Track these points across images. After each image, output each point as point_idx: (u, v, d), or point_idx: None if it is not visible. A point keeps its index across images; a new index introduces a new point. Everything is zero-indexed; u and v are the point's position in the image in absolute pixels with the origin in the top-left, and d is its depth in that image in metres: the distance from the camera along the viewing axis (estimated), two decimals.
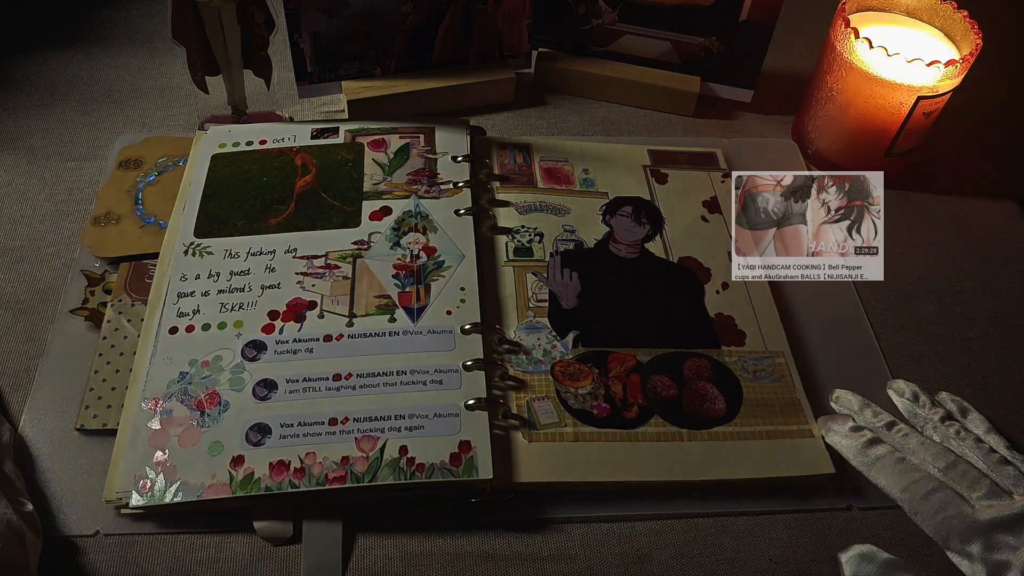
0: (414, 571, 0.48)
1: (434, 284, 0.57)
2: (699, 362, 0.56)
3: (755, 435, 0.53)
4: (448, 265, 0.59)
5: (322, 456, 0.49)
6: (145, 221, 0.62)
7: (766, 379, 0.56)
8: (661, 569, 0.49)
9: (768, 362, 0.57)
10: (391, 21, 0.70)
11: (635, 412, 0.54)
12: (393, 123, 0.68)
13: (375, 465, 0.49)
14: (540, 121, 0.75)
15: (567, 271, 0.60)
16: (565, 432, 0.52)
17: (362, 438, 0.50)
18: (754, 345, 0.58)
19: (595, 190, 0.66)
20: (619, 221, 0.64)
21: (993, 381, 0.59)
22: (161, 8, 0.62)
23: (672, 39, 0.75)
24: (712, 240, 0.64)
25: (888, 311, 0.63)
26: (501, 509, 0.50)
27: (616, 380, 0.55)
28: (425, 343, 0.54)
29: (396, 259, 0.59)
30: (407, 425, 0.51)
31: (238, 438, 0.50)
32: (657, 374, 0.55)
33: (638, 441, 0.52)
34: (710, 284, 0.61)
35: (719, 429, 0.53)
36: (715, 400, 0.55)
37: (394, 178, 0.64)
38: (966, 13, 0.66)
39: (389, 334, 0.55)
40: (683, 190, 0.67)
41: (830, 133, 0.70)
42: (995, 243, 0.68)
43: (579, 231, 0.63)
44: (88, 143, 0.70)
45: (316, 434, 0.50)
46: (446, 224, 0.61)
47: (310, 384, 0.52)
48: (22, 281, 0.60)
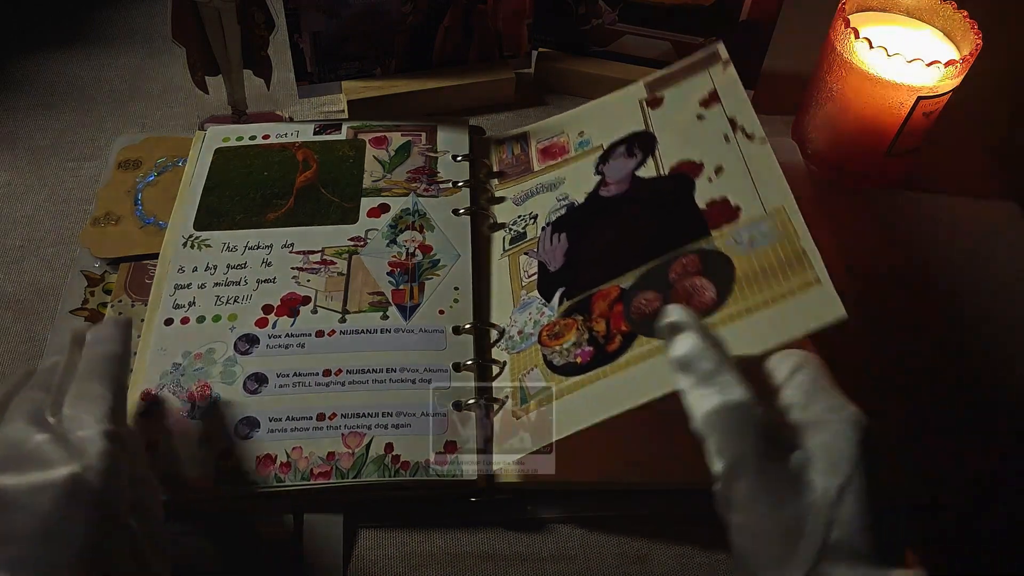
0: (414, 571, 0.48)
1: (428, 283, 0.57)
2: (685, 260, 0.51)
3: (753, 309, 0.47)
4: (443, 264, 0.59)
5: (308, 451, 0.49)
6: (145, 221, 0.62)
7: (763, 243, 0.49)
8: (661, 569, 0.49)
9: (766, 224, 0.50)
10: (391, 21, 0.70)
11: (617, 342, 0.50)
12: (396, 121, 0.68)
13: (360, 462, 0.49)
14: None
15: (556, 236, 0.58)
16: (549, 395, 0.50)
17: (348, 434, 0.50)
18: (751, 212, 0.51)
19: (591, 148, 0.63)
20: (612, 164, 0.61)
21: (993, 381, 0.59)
22: (161, 8, 0.62)
23: (672, 39, 0.75)
24: (706, 133, 0.58)
25: (888, 311, 0.63)
26: (501, 509, 0.50)
27: (599, 319, 0.52)
28: (416, 342, 0.54)
29: (392, 256, 0.59)
30: (394, 423, 0.51)
31: (227, 431, 0.50)
32: (640, 293, 0.52)
33: (622, 370, 0.49)
34: (701, 175, 0.56)
35: (710, 319, 0.47)
36: (703, 291, 0.49)
37: (394, 175, 0.64)
38: (966, 13, 0.66)
39: (381, 331, 0.55)
40: (679, 100, 0.62)
41: (830, 133, 0.70)
42: (995, 243, 0.68)
43: (571, 195, 0.61)
44: (88, 143, 0.70)
45: (304, 429, 0.50)
46: (444, 223, 0.61)
47: (300, 379, 0.52)
48: (22, 281, 0.60)
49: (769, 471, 0.37)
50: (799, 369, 0.41)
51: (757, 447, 0.37)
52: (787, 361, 0.42)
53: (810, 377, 0.41)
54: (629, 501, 0.51)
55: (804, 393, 0.40)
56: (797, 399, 0.40)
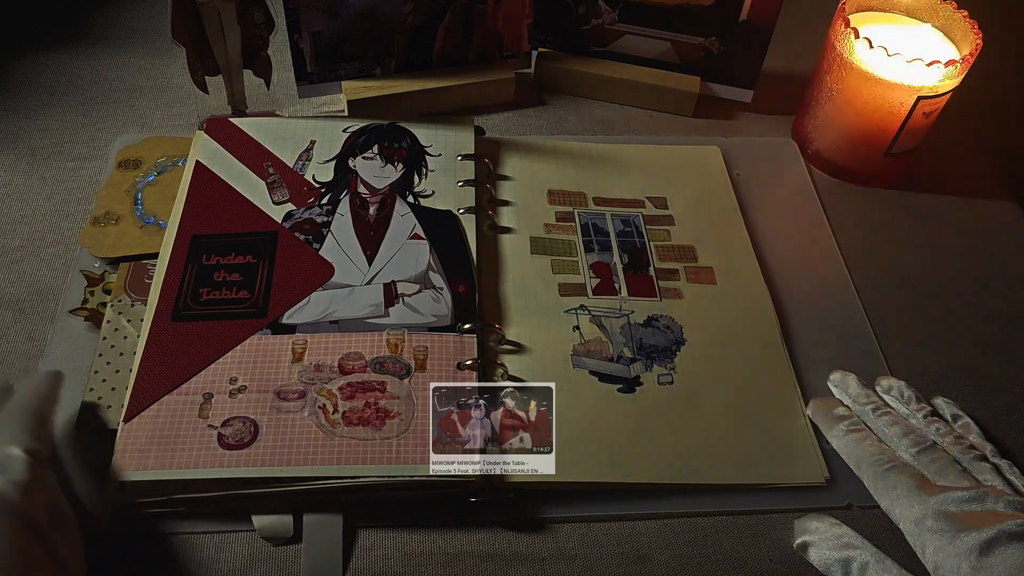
0: (414, 571, 0.48)
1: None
2: None
3: None
4: None
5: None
6: (145, 221, 0.62)
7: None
8: (661, 569, 0.49)
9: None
10: (391, 21, 0.70)
11: None
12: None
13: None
14: (540, 121, 0.75)
15: None
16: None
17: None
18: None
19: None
20: None
21: (993, 381, 0.59)
22: (161, 8, 0.62)
23: (672, 39, 0.75)
24: None
25: (888, 311, 0.63)
26: (501, 509, 0.50)
27: None
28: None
29: None
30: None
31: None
32: None
33: None
34: None
35: None
36: None
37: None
38: (966, 13, 0.66)
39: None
40: None
41: (830, 133, 0.70)
42: (995, 243, 0.68)
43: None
44: (88, 143, 0.70)
45: None
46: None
47: None
48: (22, 281, 0.60)
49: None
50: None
51: None
52: None
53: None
54: (629, 501, 0.51)
55: None
56: None
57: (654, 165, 0.70)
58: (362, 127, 0.67)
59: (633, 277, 0.61)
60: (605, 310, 0.59)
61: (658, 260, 0.63)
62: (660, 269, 0.62)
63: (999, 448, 0.52)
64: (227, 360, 0.52)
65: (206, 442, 0.49)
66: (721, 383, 0.56)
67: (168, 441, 0.49)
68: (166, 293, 0.55)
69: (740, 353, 0.58)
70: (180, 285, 0.56)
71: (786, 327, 0.60)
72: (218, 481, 0.48)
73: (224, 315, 0.54)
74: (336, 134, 0.67)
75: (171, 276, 0.56)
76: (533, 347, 0.56)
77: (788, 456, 0.53)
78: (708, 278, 0.62)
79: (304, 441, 0.49)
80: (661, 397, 0.55)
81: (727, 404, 0.55)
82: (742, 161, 0.72)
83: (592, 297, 0.60)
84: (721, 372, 0.57)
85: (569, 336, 0.57)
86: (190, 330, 0.54)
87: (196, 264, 0.57)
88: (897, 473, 0.48)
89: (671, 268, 0.62)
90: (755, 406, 0.55)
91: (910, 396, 0.54)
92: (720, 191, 0.69)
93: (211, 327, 0.54)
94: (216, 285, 0.56)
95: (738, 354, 0.58)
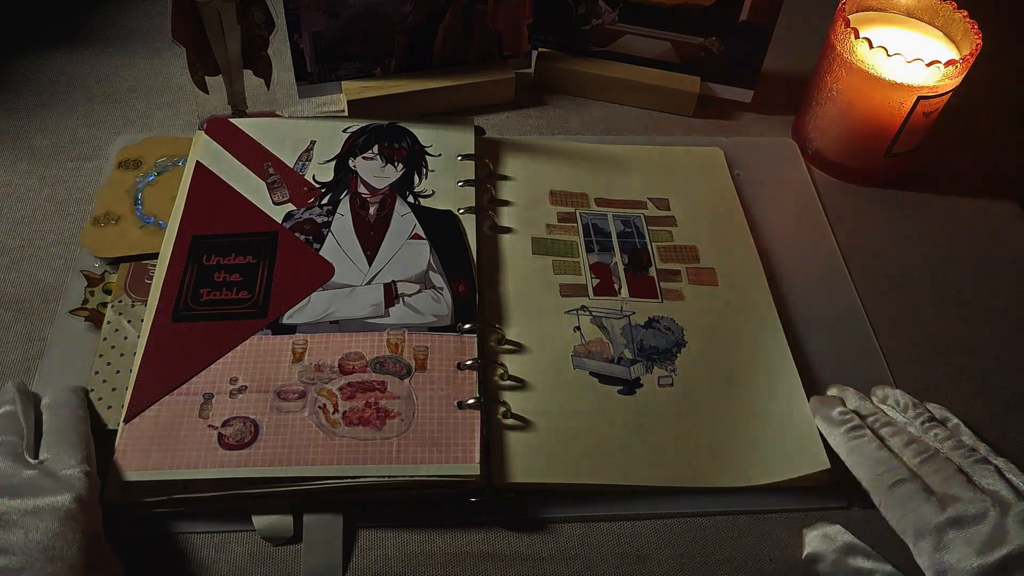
0: (414, 571, 0.48)
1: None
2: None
3: None
4: None
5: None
6: (145, 221, 0.62)
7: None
8: (661, 569, 0.49)
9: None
10: (391, 21, 0.70)
11: None
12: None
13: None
14: (540, 121, 0.75)
15: None
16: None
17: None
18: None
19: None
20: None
21: (993, 381, 0.59)
22: (161, 8, 0.62)
23: (672, 39, 0.75)
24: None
25: (888, 311, 0.63)
26: (501, 509, 0.50)
27: None
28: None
29: None
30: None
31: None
32: None
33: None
34: None
35: None
36: None
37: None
38: (966, 13, 0.66)
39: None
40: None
41: (830, 133, 0.70)
42: (995, 243, 0.68)
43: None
44: (88, 143, 0.70)
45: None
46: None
47: None
48: (22, 281, 0.60)
49: None
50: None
51: None
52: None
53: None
54: (629, 501, 0.51)
55: None
56: None
57: (657, 166, 0.70)
58: (362, 127, 0.67)
59: (634, 278, 0.61)
60: (606, 311, 0.59)
61: (660, 261, 0.63)
62: (662, 270, 0.62)
63: (995, 448, 0.52)
64: (227, 360, 0.53)
65: (206, 442, 0.49)
66: (721, 385, 0.56)
67: (168, 441, 0.49)
68: (166, 293, 0.55)
69: (741, 355, 0.58)
70: (180, 285, 0.56)
71: (786, 327, 0.59)
72: (218, 481, 0.48)
73: (224, 315, 0.55)
74: (336, 134, 0.67)
75: (171, 276, 0.56)
76: (533, 347, 0.56)
77: (789, 451, 0.52)
78: (710, 279, 0.62)
79: (304, 441, 0.49)
80: (661, 399, 0.55)
81: (727, 406, 0.55)
82: (742, 161, 0.72)
83: (593, 298, 0.60)
84: (721, 374, 0.57)
85: (570, 337, 0.57)
86: (190, 330, 0.54)
87: (196, 264, 0.57)
88: (903, 487, 0.48)
89: (673, 269, 0.62)
90: (756, 408, 0.55)
91: (906, 404, 0.54)
92: (723, 192, 0.69)
93: (211, 327, 0.54)
94: (216, 285, 0.56)
95: (739, 356, 0.58)
